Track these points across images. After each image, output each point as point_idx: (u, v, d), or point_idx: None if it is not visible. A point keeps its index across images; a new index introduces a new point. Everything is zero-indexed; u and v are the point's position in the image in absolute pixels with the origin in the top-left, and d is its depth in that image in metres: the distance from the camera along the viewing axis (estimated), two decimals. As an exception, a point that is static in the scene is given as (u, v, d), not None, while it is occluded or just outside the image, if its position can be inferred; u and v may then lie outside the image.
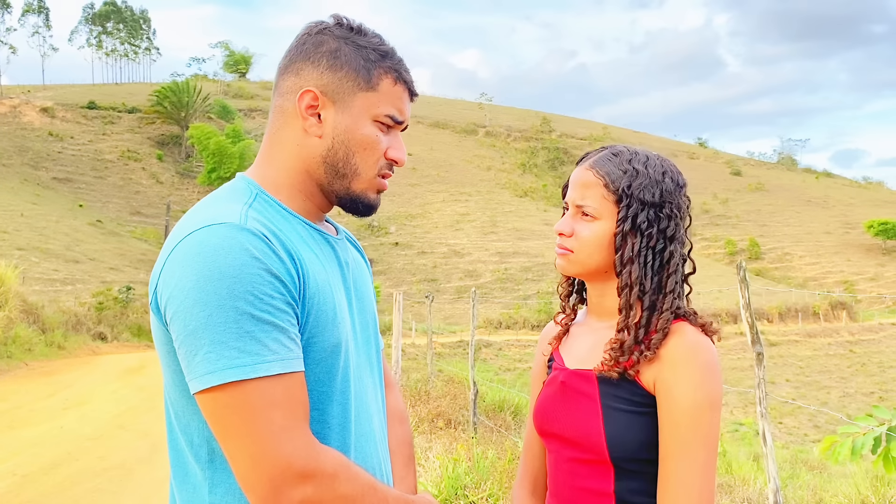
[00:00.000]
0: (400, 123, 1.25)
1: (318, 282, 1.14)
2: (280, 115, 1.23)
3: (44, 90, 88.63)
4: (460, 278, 53.04)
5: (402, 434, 1.45)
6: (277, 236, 1.11)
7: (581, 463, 1.30)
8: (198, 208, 1.16)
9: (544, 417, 1.39)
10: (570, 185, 1.38)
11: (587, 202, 1.32)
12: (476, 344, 8.00)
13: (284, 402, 1.04)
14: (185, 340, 1.04)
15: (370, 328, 1.34)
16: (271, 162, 1.24)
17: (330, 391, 1.16)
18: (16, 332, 14.75)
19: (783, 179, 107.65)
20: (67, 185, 60.94)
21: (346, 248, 1.33)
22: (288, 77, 1.22)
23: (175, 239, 1.09)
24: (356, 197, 1.24)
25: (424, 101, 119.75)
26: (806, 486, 6.93)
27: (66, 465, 6.32)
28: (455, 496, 4.70)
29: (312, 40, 1.22)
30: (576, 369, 1.36)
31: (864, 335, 41.54)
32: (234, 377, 1.01)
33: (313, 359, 1.13)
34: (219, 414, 1.04)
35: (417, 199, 70.74)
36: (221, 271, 1.02)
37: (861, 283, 64.61)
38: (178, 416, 1.16)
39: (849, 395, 31.37)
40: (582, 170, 1.36)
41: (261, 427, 1.02)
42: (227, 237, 1.05)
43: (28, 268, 26.84)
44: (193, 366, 1.04)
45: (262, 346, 1.02)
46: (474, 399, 7.33)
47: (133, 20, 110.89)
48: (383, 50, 1.22)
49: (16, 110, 72.84)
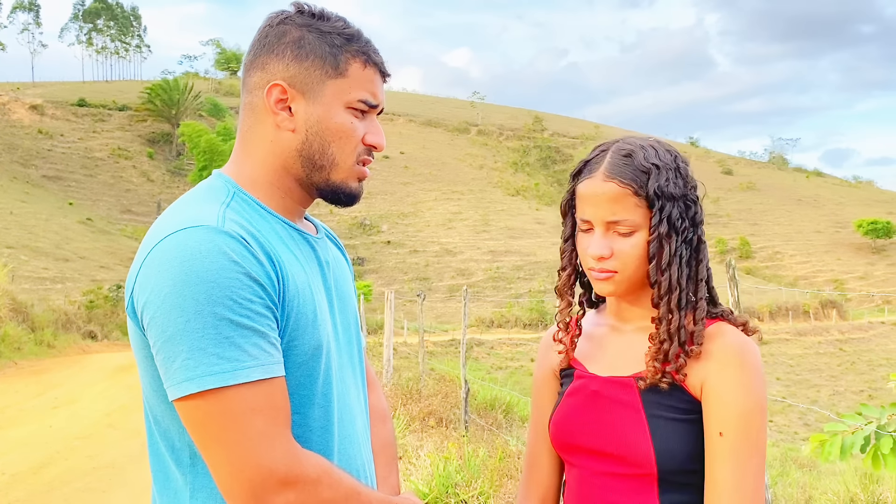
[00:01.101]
0: (375, 107, 1.21)
1: (298, 283, 1.12)
2: (250, 112, 1.20)
3: (33, 87, 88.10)
4: (452, 277, 53.05)
5: (384, 434, 1.43)
6: (256, 238, 1.08)
7: (620, 478, 1.22)
8: (175, 208, 1.13)
9: (570, 430, 1.29)
10: (589, 201, 1.24)
11: (621, 216, 1.21)
12: (468, 342, 8.00)
13: (265, 409, 1.02)
14: (163, 346, 1.02)
15: (352, 328, 1.31)
16: (245, 160, 1.21)
17: (311, 394, 1.14)
18: (5, 331, 14.67)
19: (774, 179, 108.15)
20: (57, 183, 60.60)
21: (326, 246, 1.30)
22: (254, 72, 1.19)
23: (151, 241, 1.07)
24: (337, 187, 1.21)
25: (416, 100, 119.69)
26: (796, 483, 6.97)
27: (56, 464, 6.28)
28: (446, 494, 4.70)
29: (274, 31, 1.18)
30: (610, 377, 1.27)
31: (853, 333, 41.79)
32: (213, 384, 0.99)
33: (294, 362, 1.11)
34: (198, 421, 1.02)
35: (409, 197, 70.68)
36: (199, 276, 1.00)
37: (851, 281, 65.03)
38: (157, 420, 1.13)
39: (839, 393, 31.55)
40: (599, 182, 1.22)
41: (241, 434, 1.00)
42: (205, 240, 1.03)
43: (17, 266, 26.69)
44: (171, 372, 1.01)
45: (241, 352, 1.00)
46: (466, 397, 7.34)
47: (123, 17, 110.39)
48: (348, 33, 1.18)
49: (5, 108, 72.34)
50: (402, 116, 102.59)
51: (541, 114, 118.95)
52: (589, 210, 1.23)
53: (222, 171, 1.22)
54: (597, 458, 1.25)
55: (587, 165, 1.26)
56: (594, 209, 1.23)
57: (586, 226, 1.25)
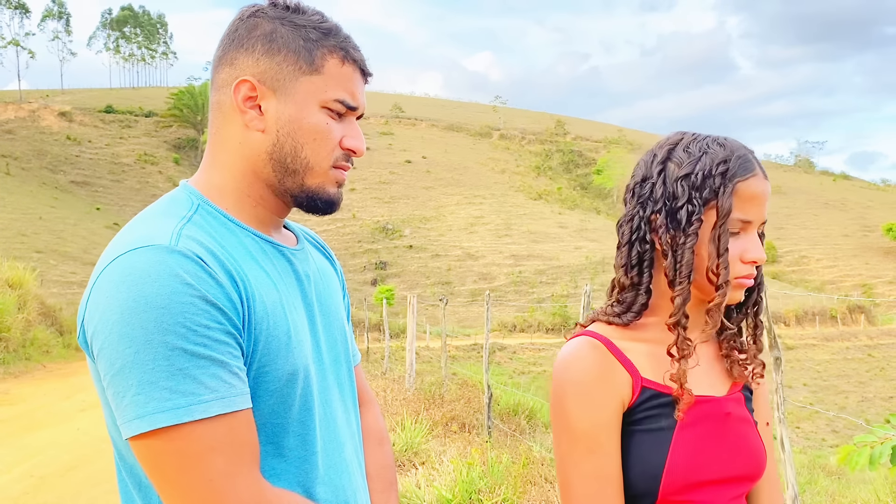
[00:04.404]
0: (353, 109, 1.10)
1: (267, 304, 1.01)
2: (218, 111, 1.09)
3: (62, 94, 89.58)
4: (474, 281, 53.02)
5: (380, 457, 1.30)
6: (217, 256, 0.97)
7: (741, 498, 1.19)
8: (130, 226, 1.02)
9: (699, 465, 1.12)
10: (755, 201, 1.14)
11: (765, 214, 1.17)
12: (490, 347, 7.99)
13: (226, 446, 0.92)
14: (112, 380, 0.91)
15: (339, 345, 1.20)
16: (213, 165, 1.10)
17: (285, 423, 1.03)
18: (34, 335, 14.88)
19: (800, 182, 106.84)
20: (85, 189, 61.54)
21: (306, 258, 1.18)
22: (223, 69, 1.08)
23: (101, 264, 0.96)
24: (313, 193, 1.09)
25: (438, 104, 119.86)
26: (824, 491, 6.86)
27: (84, 466, 6.36)
28: (469, 500, 4.69)
29: (245, 25, 1.08)
30: (731, 395, 1.20)
31: (882, 339, 41.08)
32: (165, 422, 0.88)
33: (266, 389, 1.00)
34: (153, 462, 0.92)
35: (432, 201, 70.79)
36: (148, 301, 0.90)
37: (879, 286, 63.93)
38: (122, 456, 1.04)
39: (867, 399, 31.05)
40: (762, 181, 1.15)
41: (200, 475, 0.91)
42: (155, 262, 0.92)
43: (46, 270, 27.11)
44: (122, 409, 0.91)
45: (197, 385, 0.90)
46: (489, 403, 7.32)
47: (150, 25, 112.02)
48: (325, 28, 1.08)
49: (34, 114, 73.66)
50: (424, 121, 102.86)
51: (563, 118, 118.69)
52: (754, 210, 1.14)
53: (190, 180, 1.12)
54: (727, 485, 1.15)
55: (739, 161, 1.13)
56: (759, 209, 1.14)
57: (739, 227, 1.13)
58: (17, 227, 38.49)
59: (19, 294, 15.00)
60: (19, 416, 8.92)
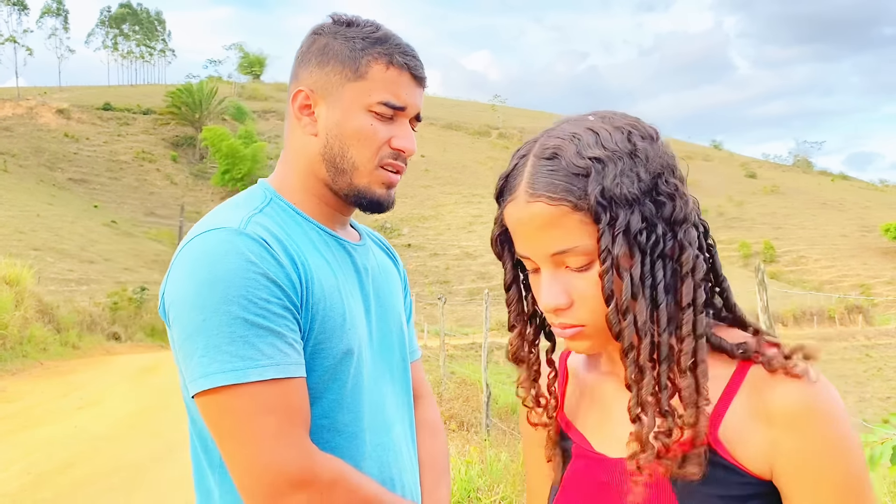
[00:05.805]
0: (402, 109, 1.18)
1: (325, 287, 1.12)
2: (288, 119, 1.24)
3: (60, 92, 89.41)
4: (473, 280, 53.00)
5: (432, 447, 1.38)
6: (281, 241, 1.09)
7: None
8: (211, 213, 1.16)
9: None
10: (518, 233, 0.86)
11: (566, 244, 0.82)
12: (489, 346, 7.98)
13: (279, 408, 1.01)
14: (183, 344, 1.04)
15: (393, 336, 1.29)
16: (284, 165, 1.24)
17: (340, 398, 1.13)
18: (31, 332, 14.86)
19: (798, 182, 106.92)
20: (83, 186, 61.43)
21: (366, 253, 1.29)
22: (291, 83, 1.23)
23: (182, 244, 1.11)
24: (360, 192, 1.20)
25: (437, 103, 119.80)
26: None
27: (81, 464, 6.34)
28: (468, 499, 4.68)
29: (307, 42, 1.22)
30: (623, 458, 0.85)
31: (880, 339, 41.14)
32: (225, 381, 1.00)
33: (322, 366, 1.10)
34: (213, 418, 1.03)
35: (430, 200, 70.77)
36: (216, 275, 1.02)
37: (877, 286, 64.01)
38: (193, 420, 1.15)
39: (865, 399, 31.08)
40: (523, 204, 0.84)
41: (253, 432, 1.00)
42: (224, 241, 1.05)
43: (43, 268, 27.07)
44: (189, 369, 1.03)
45: (255, 351, 1.01)
46: (487, 401, 7.31)
47: (148, 22, 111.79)
48: (374, 37, 1.18)
49: (32, 112, 73.51)
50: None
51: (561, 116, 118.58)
52: (522, 244, 0.86)
53: (268, 179, 1.26)
54: None
55: (507, 182, 0.88)
56: (527, 242, 0.85)
57: (531, 265, 0.88)
58: (15, 225, 38.44)
59: (16, 291, 14.99)
60: (16, 413, 8.90)
